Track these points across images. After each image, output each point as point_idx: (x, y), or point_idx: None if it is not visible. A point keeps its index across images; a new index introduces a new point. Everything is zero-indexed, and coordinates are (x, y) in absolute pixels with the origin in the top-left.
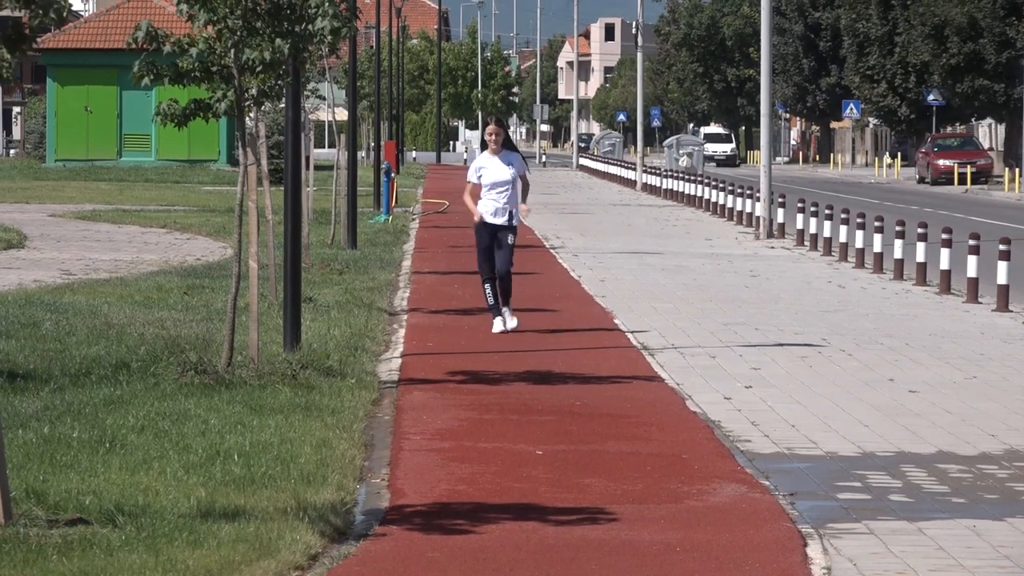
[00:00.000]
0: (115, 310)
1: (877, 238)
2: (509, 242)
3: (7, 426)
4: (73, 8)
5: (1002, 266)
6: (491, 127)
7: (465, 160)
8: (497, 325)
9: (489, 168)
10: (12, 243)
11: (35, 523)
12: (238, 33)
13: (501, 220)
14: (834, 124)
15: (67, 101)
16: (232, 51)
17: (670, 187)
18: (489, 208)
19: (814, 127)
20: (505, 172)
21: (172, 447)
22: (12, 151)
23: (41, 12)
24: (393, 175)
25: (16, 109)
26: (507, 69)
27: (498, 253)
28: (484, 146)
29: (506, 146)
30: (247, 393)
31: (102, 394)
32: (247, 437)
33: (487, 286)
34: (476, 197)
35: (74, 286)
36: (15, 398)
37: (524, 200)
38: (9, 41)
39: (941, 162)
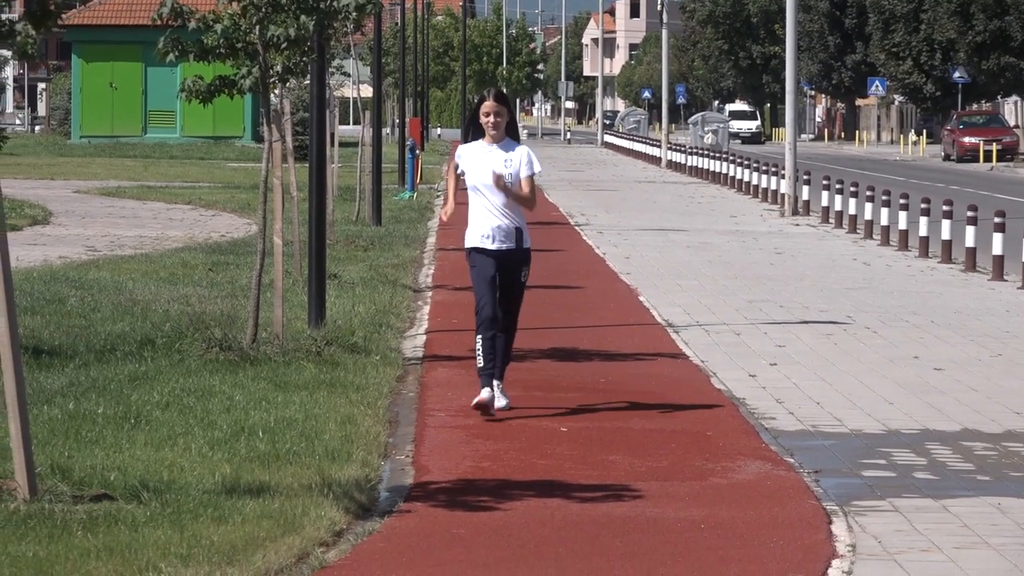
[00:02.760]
0: (140, 286)
1: (902, 215)
2: (524, 279)
3: (32, 402)
4: None
5: None
6: (489, 103)
7: None
8: (485, 394)
9: (481, 163)
10: (37, 219)
11: (60, 499)
12: (263, 9)
13: (507, 244)
14: (859, 101)
15: (92, 77)
16: (257, 27)
17: (695, 164)
18: (484, 227)
19: (839, 104)
20: (500, 170)
21: (197, 423)
22: (37, 127)
23: None
24: (418, 152)
25: (41, 85)
26: (532, 46)
27: (506, 296)
28: (475, 132)
29: (510, 133)
30: (272, 369)
31: (127, 370)
32: (272, 413)
33: (480, 339)
34: (457, 190)
35: (99, 262)
36: (40, 374)
37: (516, 193)
38: (34, 17)
39: (967, 139)
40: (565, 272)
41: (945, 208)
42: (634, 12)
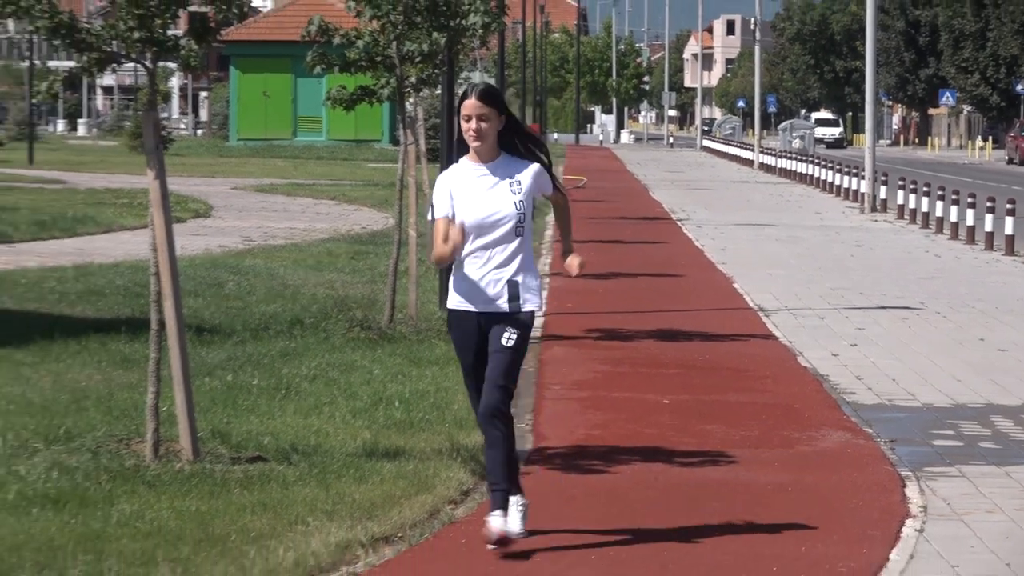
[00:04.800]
0: (290, 272)
1: (970, 213)
2: (507, 343)
3: (195, 374)
4: (253, 4)
5: None
6: (470, 101)
7: (600, 141)
8: (493, 523)
9: (470, 193)
10: (200, 213)
11: (220, 460)
12: (399, 27)
13: (493, 306)
14: (932, 110)
15: (248, 87)
16: (394, 43)
17: (784, 166)
18: (466, 281)
19: (914, 113)
20: (505, 201)
21: (340, 394)
22: (199, 131)
23: (225, 8)
24: None
25: (203, 94)
26: (639, 60)
27: (490, 366)
28: (460, 148)
29: (507, 146)
30: (407, 347)
31: (279, 347)
32: (407, 386)
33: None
34: (457, 239)
35: (254, 251)
36: (203, 350)
37: (566, 243)
38: (196, 33)
39: None
40: (667, 262)
41: (1009, 206)
42: (730, 30)
